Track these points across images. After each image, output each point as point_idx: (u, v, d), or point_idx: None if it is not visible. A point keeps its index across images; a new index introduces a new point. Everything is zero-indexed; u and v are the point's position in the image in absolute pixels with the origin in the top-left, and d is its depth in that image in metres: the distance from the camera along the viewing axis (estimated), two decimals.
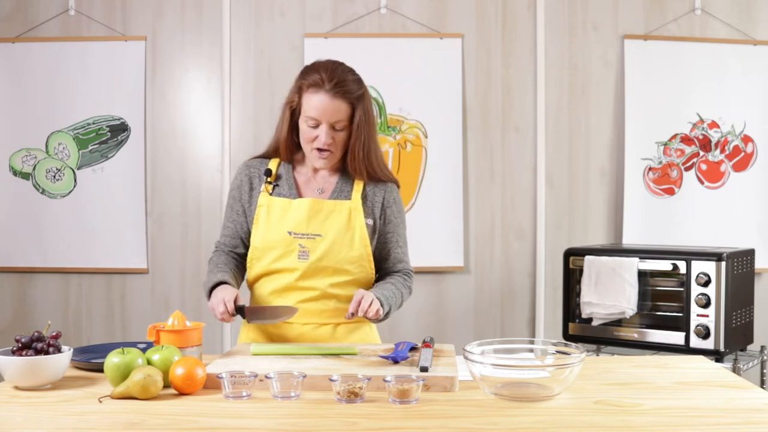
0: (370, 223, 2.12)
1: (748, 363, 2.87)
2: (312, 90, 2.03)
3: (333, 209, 2.09)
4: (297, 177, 2.16)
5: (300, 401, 1.54)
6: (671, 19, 3.58)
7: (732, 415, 1.45)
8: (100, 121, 3.57)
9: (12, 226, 3.58)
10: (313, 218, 2.07)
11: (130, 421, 1.41)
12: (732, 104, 3.58)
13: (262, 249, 2.09)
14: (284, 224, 2.08)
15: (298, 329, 2.10)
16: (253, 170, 2.18)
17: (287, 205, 2.09)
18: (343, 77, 2.04)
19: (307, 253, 2.06)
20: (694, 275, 2.78)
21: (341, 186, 2.14)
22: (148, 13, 3.57)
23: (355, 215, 2.09)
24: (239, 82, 3.58)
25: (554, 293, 3.56)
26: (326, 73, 2.03)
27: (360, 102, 2.06)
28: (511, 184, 3.59)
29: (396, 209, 2.18)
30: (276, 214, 2.09)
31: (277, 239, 2.07)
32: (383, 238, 2.16)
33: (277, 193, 2.13)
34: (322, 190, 2.14)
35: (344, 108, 2.03)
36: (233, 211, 2.18)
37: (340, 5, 3.56)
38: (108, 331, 3.59)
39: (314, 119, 2.03)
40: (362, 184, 2.14)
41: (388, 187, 2.17)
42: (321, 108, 2.01)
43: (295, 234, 2.06)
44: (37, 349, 1.65)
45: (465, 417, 1.43)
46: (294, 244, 2.06)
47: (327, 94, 2.01)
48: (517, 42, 3.58)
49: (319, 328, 2.10)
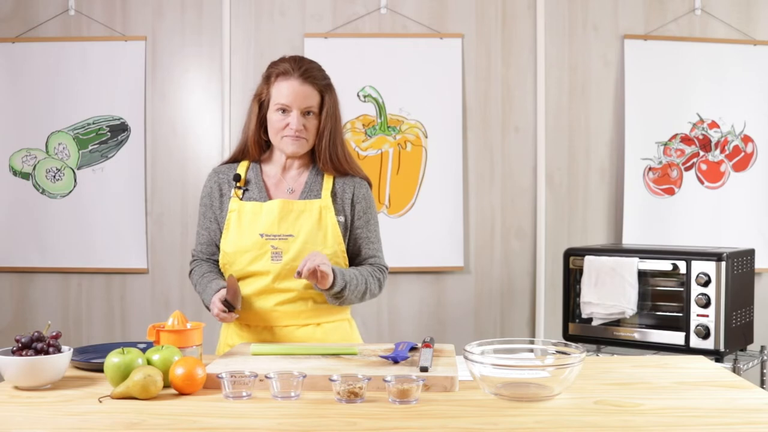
0: (342, 221, 2.12)
1: (748, 363, 2.87)
2: (281, 78, 2.08)
3: (304, 209, 2.09)
4: (266, 180, 2.16)
5: (300, 401, 1.54)
6: (671, 19, 3.58)
7: (732, 415, 1.45)
8: (100, 121, 3.57)
9: (12, 226, 3.58)
10: (284, 219, 2.07)
11: (130, 421, 1.41)
12: (732, 104, 3.58)
13: (233, 254, 2.09)
14: (256, 227, 2.08)
15: (279, 331, 2.10)
16: (222, 176, 2.19)
17: (258, 208, 2.10)
18: (310, 65, 2.11)
19: (280, 254, 2.06)
20: (694, 275, 2.78)
21: (310, 185, 2.14)
22: (148, 13, 3.57)
23: (326, 213, 2.10)
24: (239, 82, 3.58)
25: (554, 293, 3.56)
26: (294, 63, 2.09)
27: (328, 91, 2.11)
28: (511, 184, 3.59)
29: (366, 204, 2.17)
30: (247, 218, 2.09)
31: (249, 242, 2.07)
32: (354, 234, 2.16)
33: (248, 197, 2.13)
34: (291, 190, 2.15)
35: (314, 94, 2.08)
36: (206, 218, 2.19)
37: (340, 5, 3.56)
38: (108, 331, 3.59)
39: (285, 105, 2.06)
40: (331, 182, 2.14)
41: (357, 183, 2.17)
42: (292, 94, 2.05)
43: (267, 236, 2.07)
44: (37, 349, 1.65)
45: (465, 417, 1.43)
46: (266, 246, 2.06)
47: (297, 80, 2.06)
48: (517, 42, 3.58)
49: (299, 330, 2.10)
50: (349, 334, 2.18)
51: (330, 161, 2.12)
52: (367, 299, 2.13)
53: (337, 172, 2.15)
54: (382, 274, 2.18)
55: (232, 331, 2.16)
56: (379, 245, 2.21)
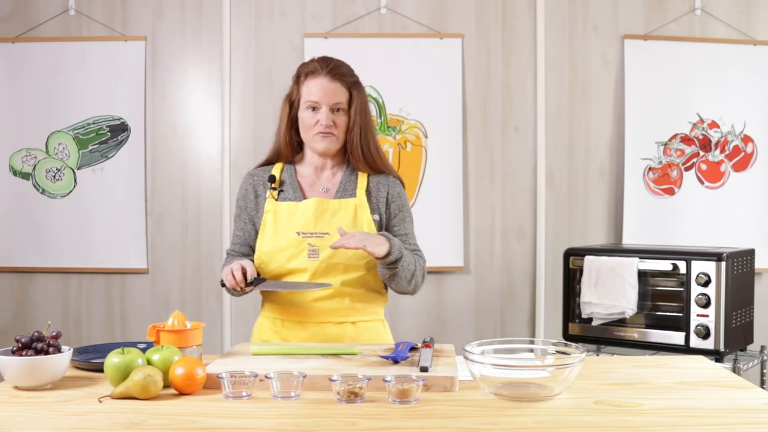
0: (377, 219, 2.14)
1: (748, 363, 2.87)
2: (310, 77, 2.12)
3: (339, 208, 2.11)
4: (300, 180, 2.19)
5: (300, 401, 1.54)
6: (671, 19, 3.58)
7: (732, 415, 1.44)
8: (100, 121, 3.57)
9: (12, 226, 3.58)
10: (320, 217, 2.10)
11: (130, 421, 1.41)
12: (732, 104, 3.58)
13: (270, 253, 2.11)
14: (292, 226, 2.10)
15: (313, 328, 2.11)
16: (257, 179, 2.22)
17: (293, 208, 2.12)
18: (338, 63, 2.15)
19: (317, 251, 2.07)
20: (694, 275, 2.78)
21: (345, 184, 2.16)
22: (148, 13, 3.57)
23: (361, 212, 2.12)
24: (239, 82, 3.58)
25: (554, 293, 3.56)
26: (322, 61, 2.14)
27: (356, 88, 2.14)
28: (511, 184, 3.59)
29: (401, 202, 2.20)
30: (283, 218, 2.12)
31: (286, 241, 2.09)
32: (390, 232, 2.18)
33: (283, 197, 2.16)
34: (326, 189, 2.17)
35: (342, 91, 2.11)
36: (240, 220, 2.21)
37: (340, 5, 3.56)
38: (108, 331, 3.59)
39: (314, 102, 2.09)
40: (366, 180, 2.16)
41: (391, 182, 2.20)
42: (320, 90, 2.09)
43: (304, 234, 2.09)
44: (37, 349, 1.65)
45: (465, 417, 1.43)
46: (303, 244, 2.08)
47: (325, 77, 2.10)
48: (517, 42, 3.58)
49: (334, 327, 2.11)
50: (382, 335, 2.19)
51: (363, 157, 2.15)
52: (413, 284, 2.12)
53: (371, 168, 2.17)
54: (423, 261, 2.19)
55: (266, 327, 2.16)
56: (415, 240, 2.23)
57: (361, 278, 2.11)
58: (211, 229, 3.58)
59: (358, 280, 2.11)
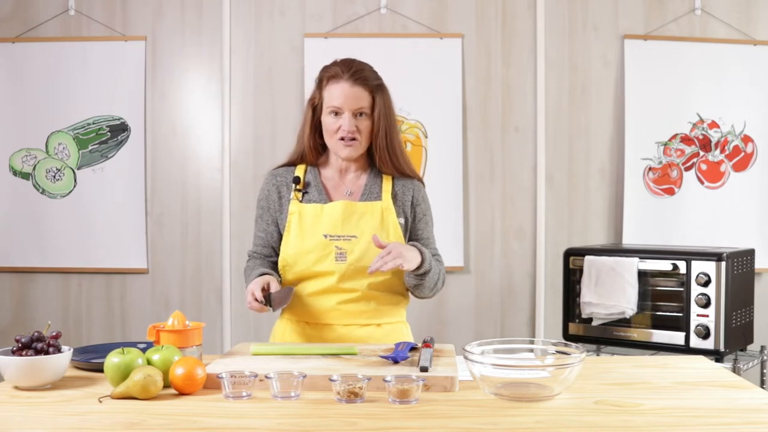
0: (402, 222, 2.14)
1: (748, 363, 2.87)
2: (332, 81, 2.09)
3: (365, 210, 2.10)
4: (325, 182, 2.17)
5: (300, 401, 1.54)
6: (671, 19, 3.58)
7: (732, 415, 1.45)
8: (100, 121, 3.57)
9: (12, 226, 3.58)
10: (347, 220, 2.09)
11: (130, 421, 1.41)
12: (732, 104, 3.58)
13: (295, 255, 2.09)
14: (319, 228, 2.09)
15: (339, 330, 2.11)
16: (280, 179, 2.19)
17: (319, 210, 2.10)
18: (360, 67, 2.11)
19: (345, 254, 2.07)
20: (694, 275, 2.78)
21: (370, 187, 2.15)
22: (148, 13, 3.57)
23: (388, 215, 2.11)
24: (239, 82, 3.58)
25: (554, 293, 3.56)
26: (344, 65, 2.11)
27: (379, 91, 2.11)
28: (511, 184, 3.59)
29: (425, 206, 2.20)
30: (309, 220, 2.10)
31: (312, 243, 2.08)
32: (415, 235, 2.18)
33: (307, 199, 2.14)
34: (350, 192, 2.16)
35: (365, 95, 2.08)
36: (263, 221, 2.19)
37: (340, 5, 3.56)
38: (108, 331, 3.59)
39: (337, 107, 2.07)
40: (390, 183, 2.16)
41: (415, 185, 2.20)
42: (342, 96, 2.06)
43: (331, 236, 2.08)
44: (37, 349, 1.65)
45: (465, 417, 1.43)
46: (330, 247, 2.07)
47: (347, 82, 2.07)
48: (517, 42, 3.58)
49: (360, 329, 2.11)
50: (406, 337, 2.19)
51: (389, 160, 2.13)
52: (434, 291, 2.14)
53: (396, 171, 2.16)
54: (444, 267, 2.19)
55: (289, 328, 2.16)
56: (435, 244, 2.23)
57: (387, 282, 2.11)
58: (211, 229, 3.58)
59: (383, 284, 2.11)
